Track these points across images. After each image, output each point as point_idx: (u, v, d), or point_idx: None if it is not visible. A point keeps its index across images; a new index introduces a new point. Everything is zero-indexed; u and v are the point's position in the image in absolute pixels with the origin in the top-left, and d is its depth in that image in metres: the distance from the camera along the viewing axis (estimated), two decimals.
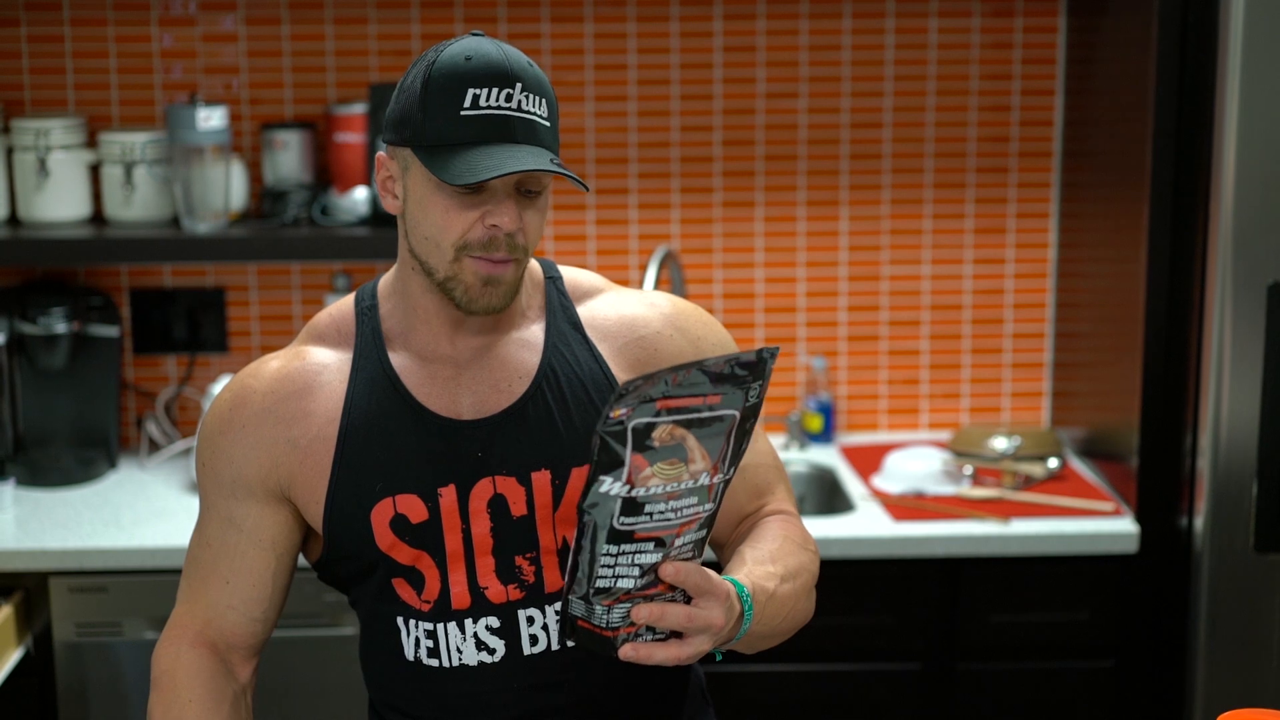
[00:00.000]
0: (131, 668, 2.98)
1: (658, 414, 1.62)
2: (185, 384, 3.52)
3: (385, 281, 1.96)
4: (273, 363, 1.94)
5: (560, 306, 1.96)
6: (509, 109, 1.79)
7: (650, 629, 1.70)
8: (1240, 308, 2.89)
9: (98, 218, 3.40)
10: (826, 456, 3.48)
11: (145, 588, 2.97)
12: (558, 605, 1.87)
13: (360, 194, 3.31)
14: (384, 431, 1.89)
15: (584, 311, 1.97)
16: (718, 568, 1.87)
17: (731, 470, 1.70)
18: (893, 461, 3.30)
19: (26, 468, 3.28)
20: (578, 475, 1.87)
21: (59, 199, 3.32)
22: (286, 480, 1.91)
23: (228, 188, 3.28)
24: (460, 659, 1.88)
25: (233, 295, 3.50)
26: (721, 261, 3.54)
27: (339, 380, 1.92)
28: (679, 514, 1.66)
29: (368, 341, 1.93)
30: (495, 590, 1.87)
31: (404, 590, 1.89)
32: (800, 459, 3.49)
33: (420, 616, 1.88)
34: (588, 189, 1.85)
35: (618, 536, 1.65)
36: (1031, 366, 3.61)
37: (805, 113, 3.49)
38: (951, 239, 3.55)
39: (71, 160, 3.32)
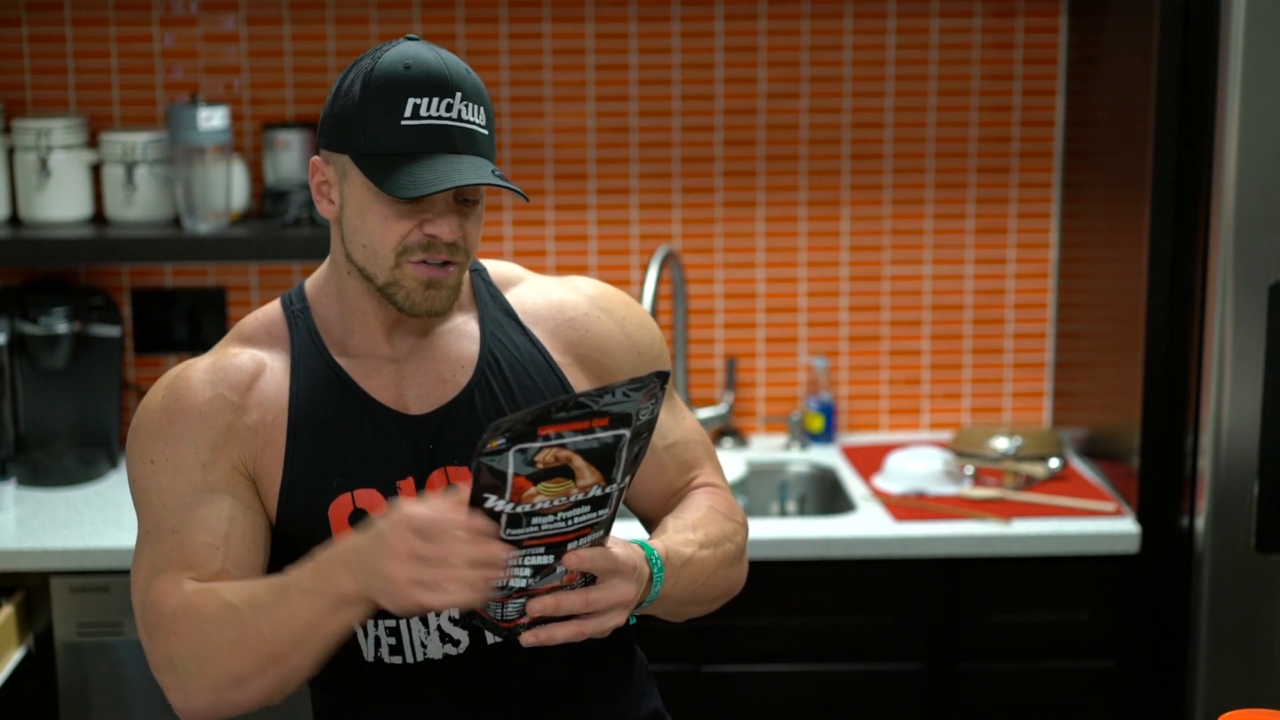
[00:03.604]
0: (133, 667, 2.98)
1: (541, 439, 1.65)
2: None
3: (314, 284, 1.95)
4: (203, 361, 1.91)
5: (489, 296, 1.98)
6: (449, 119, 1.80)
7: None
8: (1241, 308, 2.89)
9: (99, 218, 3.40)
10: (827, 456, 3.49)
11: None
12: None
13: None
14: (336, 426, 1.88)
15: (513, 299, 2.00)
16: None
17: (628, 478, 1.73)
18: (894, 461, 3.30)
19: (28, 468, 3.28)
20: None
21: (60, 199, 3.32)
22: (252, 464, 1.87)
23: (229, 188, 3.28)
24: (425, 653, 1.89)
25: (234, 295, 3.51)
26: (723, 262, 3.54)
27: (280, 377, 1.90)
28: (570, 523, 1.70)
29: (305, 341, 1.92)
30: None
31: None
32: (801, 459, 3.49)
33: (380, 615, 1.86)
34: (527, 199, 1.85)
35: (504, 546, 1.68)
36: (1032, 367, 3.61)
37: (806, 113, 3.49)
38: (952, 239, 3.55)
39: (73, 160, 3.32)
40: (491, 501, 1.66)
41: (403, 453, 1.88)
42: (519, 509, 1.67)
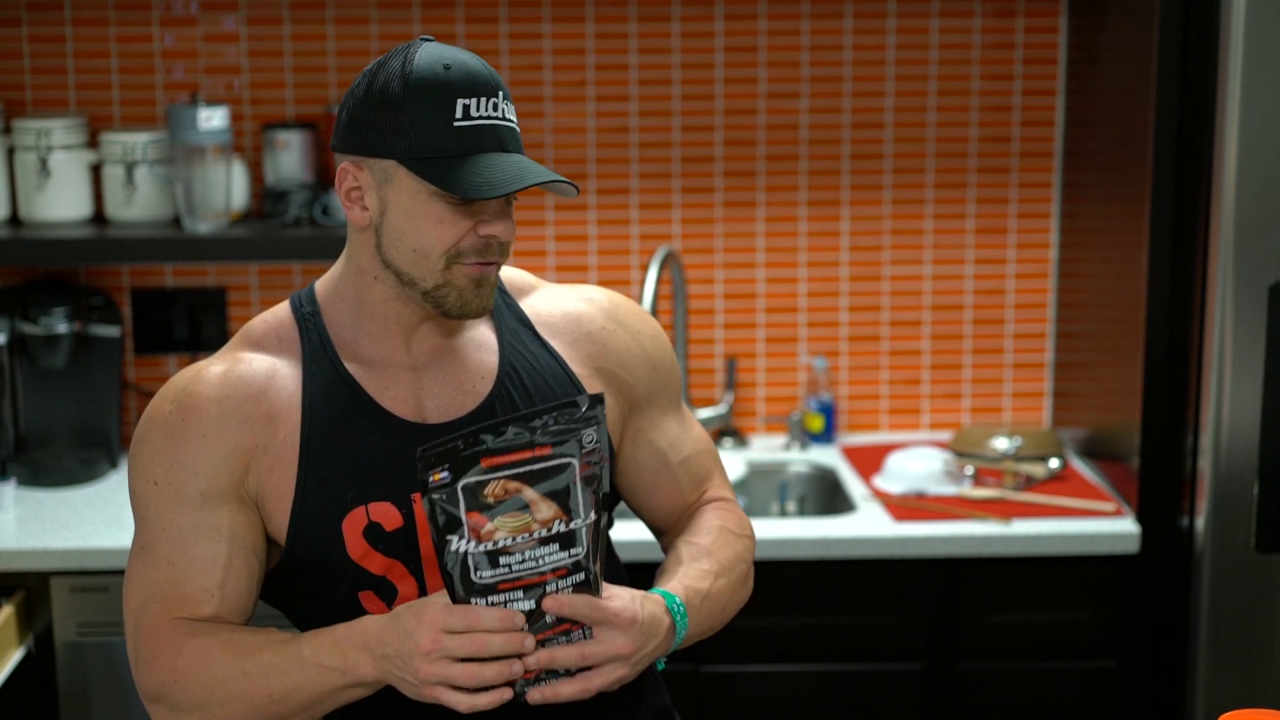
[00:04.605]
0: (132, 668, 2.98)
1: (485, 471, 1.66)
2: None
3: (326, 288, 1.92)
4: (213, 368, 1.88)
5: (505, 304, 1.97)
6: (497, 118, 1.80)
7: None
8: (1241, 308, 2.89)
9: (99, 218, 3.40)
10: (827, 457, 3.49)
11: None
12: None
13: None
14: (349, 438, 1.86)
15: (528, 309, 1.99)
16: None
17: (595, 515, 1.73)
18: (894, 462, 3.30)
19: (28, 468, 3.28)
20: None
21: (60, 199, 3.32)
22: (256, 486, 1.86)
23: (229, 188, 3.28)
24: None
25: (234, 295, 3.51)
26: (723, 262, 3.54)
27: (291, 386, 1.87)
28: (541, 562, 1.71)
29: (316, 348, 1.89)
30: None
31: (372, 604, 1.86)
32: (801, 459, 3.49)
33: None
34: (578, 192, 1.86)
35: (482, 590, 1.70)
36: (1032, 367, 3.61)
37: (806, 113, 3.49)
38: (952, 239, 3.55)
39: (73, 160, 3.32)
40: (455, 544, 1.67)
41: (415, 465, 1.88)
42: (482, 548, 1.67)
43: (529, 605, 1.71)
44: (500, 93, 1.80)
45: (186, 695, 1.81)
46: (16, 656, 2.91)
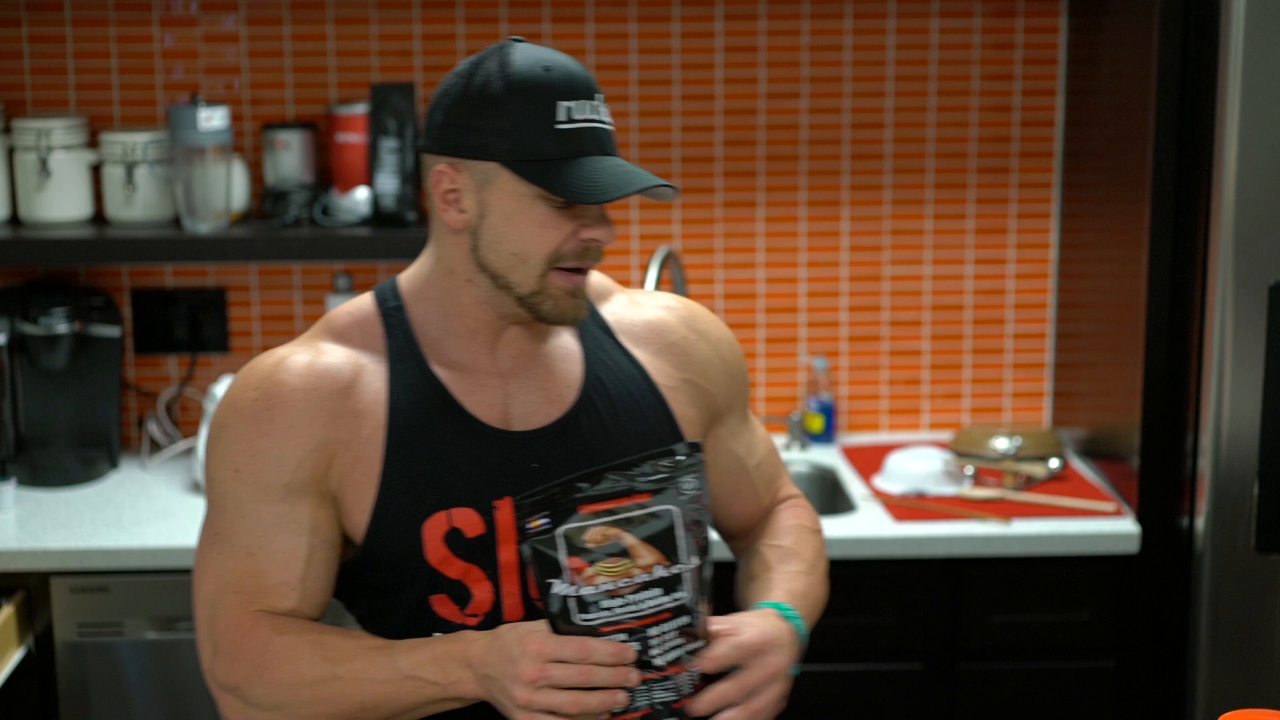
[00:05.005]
0: (133, 668, 2.98)
1: (584, 517, 1.67)
2: (186, 384, 3.52)
3: (411, 285, 1.90)
4: (299, 357, 1.85)
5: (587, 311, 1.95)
6: (596, 120, 1.79)
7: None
8: (1241, 308, 2.89)
9: (99, 218, 3.40)
10: (827, 457, 3.48)
11: (147, 588, 2.97)
12: None
13: (361, 194, 3.31)
14: (434, 441, 1.84)
15: (609, 316, 1.97)
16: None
17: (697, 560, 1.72)
18: (894, 462, 3.30)
19: (28, 468, 3.28)
20: None
21: (60, 199, 3.32)
22: (337, 481, 1.83)
23: (229, 188, 3.28)
24: None
25: (234, 295, 3.51)
26: (723, 262, 3.54)
27: (377, 383, 1.85)
28: (643, 606, 1.70)
29: (401, 346, 1.87)
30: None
31: (444, 607, 1.84)
32: (801, 459, 3.49)
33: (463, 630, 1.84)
34: (679, 195, 1.84)
35: (584, 632, 1.69)
36: (1033, 367, 3.61)
37: (806, 113, 3.49)
38: (952, 239, 3.55)
39: (73, 160, 3.32)
40: (557, 587, 1.67)
41: (503, 471, 1.84)
42: (583, 591, 1.67)
43: (634, 645, 1.71)
44: (598, 95, 1.79)
45: (268, 692, 1.79)
46: (16, 656, 2.91)
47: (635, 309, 1.99)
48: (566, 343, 1.93)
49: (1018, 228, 3.55)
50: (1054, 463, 3.34)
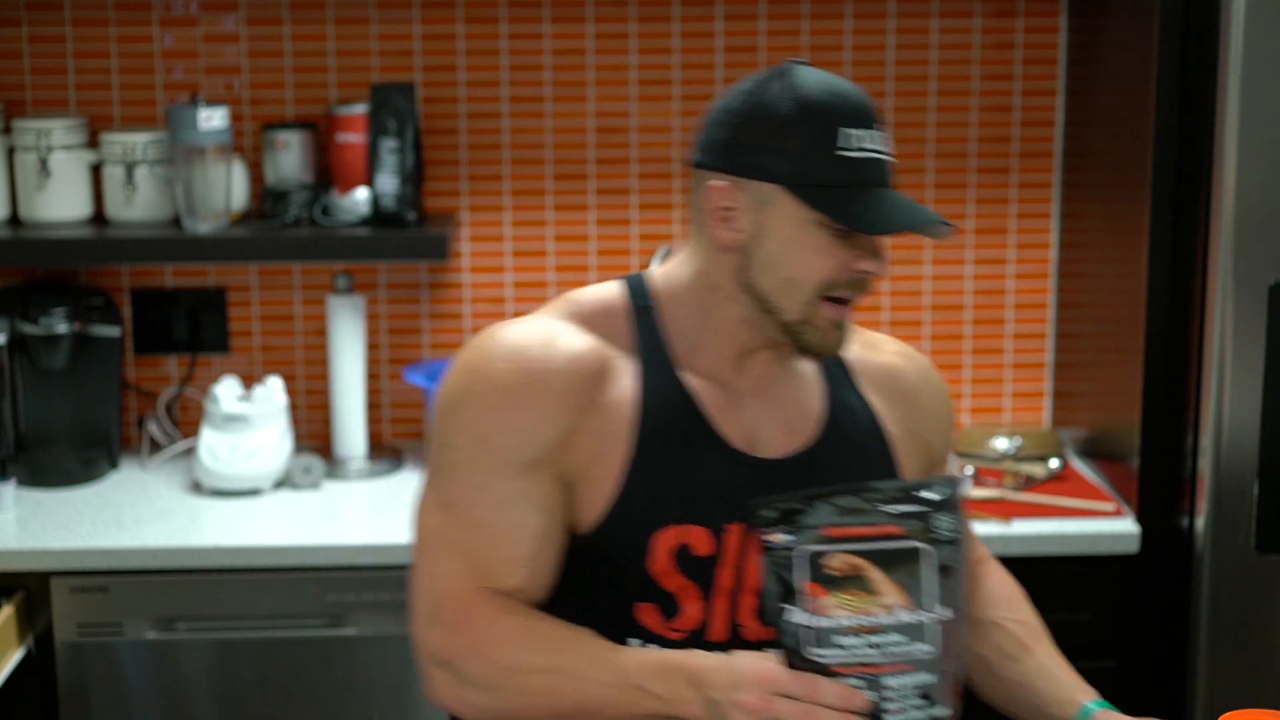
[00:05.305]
0: (133, 668, 2.98)
1: (828, 541, 1.59)
2: (186, 384, 3.52)
3: (668, 288, 1.87)
4: (548, 334, 1.80)
5: None
6: (880, 151, 1.77)
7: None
8: (1241, 308, 2.89)
9: (99, 218, 3.40)
10: None
11: (147, 588, 2.97)
12: None
13: (361, 194, 3.31)
14: (681, 454, 1.80)
15: (850, 355, 1.94)
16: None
17: (949, 614, 1.63)
18: None
19: (28, 468, 3.28)
20: None
21: (60, 199, 3.32)
22: (577, 470, 1.79)
23: (229, 188, 3.28)
24: None
25: (234, 295, 3.51)
26: None
27: (626, 379, 1.81)
28: (882, 651, 1.62)
29: (650, 347, 1.84)
30: (753, 629, 1.83)
31: (649, 616, 1.81)
32: None
33: (662, 642, 1.82)
34: (957, 232, 1.81)
35: (816, 669, 1.63)
36: (1032, 367, 3.61)
37: None
38: (952, 239, 3.54)
39: (73, 160, 3.32)
40: (792, 615, 1.61)
41: (741, 496, 1.78)
42: (820, 623, 1.61)
43: (872, 697, 1.62)
44: (882, 125, 1.77)
45: (484, 672, 1.75)
46: (16, 656, 2.91)
47: (873, 352, 1.97)
48: (808, 372, 1.90)
49: (1018, 228, 3.55)
50: (1054, 463, 3.34)
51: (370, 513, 3.14)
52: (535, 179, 3.49)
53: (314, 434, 3.55)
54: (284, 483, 3.28)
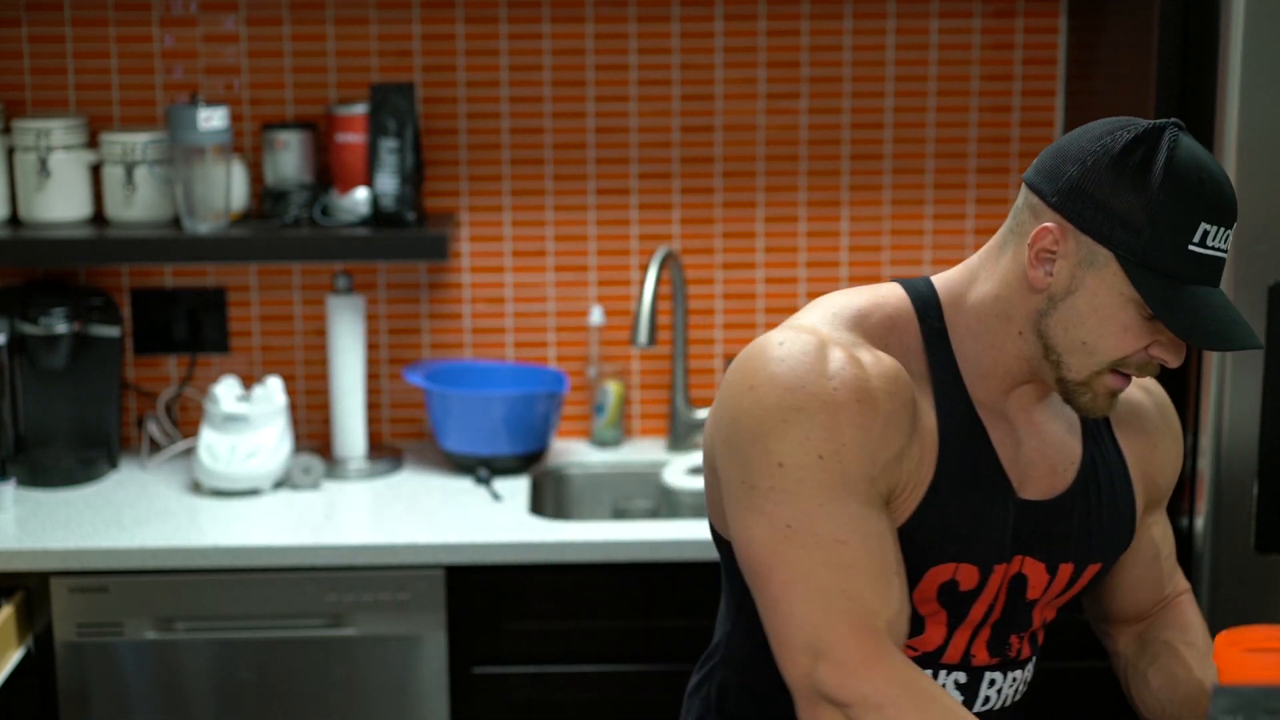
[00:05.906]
0: (133, 668, 2.98)
1: None
2: (186, 384, 3.52)
3: (955, 309, 1.81)
4: (876, 361, 1.72)
5: None
6: (1224, 251, 1.69)
7: None
8: (1241, 308, 2.89)
9: (99, 218, 3.41)
10: None
11: (146, 588, 2.97)
12: (1016, 672, 1.87)
13: (361, 194, 3.31)
14: (972, 489, 1.76)
15: None
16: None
17: None
18: None
19: (27, 468, 3.28)
20: (1089, 571, 1.86)
21: (60, 199, 3.32)
22: (891, 494, 1.73)
23: (229, 188, 3.28)
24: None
25: (234, 295, 3.51)
26: (722, 262, 3.54)
27: (926, 405, 1.76)
28: None
29: (942, 371, 1.78)
30: (981, 658, 1.83)
31: None
32: None
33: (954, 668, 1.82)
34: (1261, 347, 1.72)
35: None
36: None
37: (806, 113, 3.49)
38: (952, 239, 3.55)
39: (72, 160, 3.32)
40: None
41: (1007, 535, 1.78)
42: None
43: None
44: (1234, 224, 1.68)
45: None
46: (16, 656, 2.91)
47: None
48: (1065, 411, 1.87)
49: None
50: None
51: (370, 513, 3.14)
52: (535, 179, 3.49)
53: (313, 434, 3.55)
54: (283, 483, 3.28)
